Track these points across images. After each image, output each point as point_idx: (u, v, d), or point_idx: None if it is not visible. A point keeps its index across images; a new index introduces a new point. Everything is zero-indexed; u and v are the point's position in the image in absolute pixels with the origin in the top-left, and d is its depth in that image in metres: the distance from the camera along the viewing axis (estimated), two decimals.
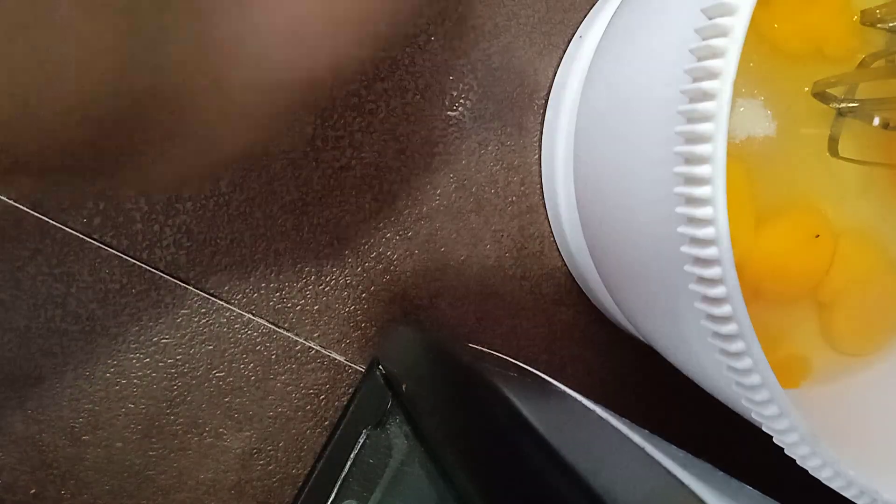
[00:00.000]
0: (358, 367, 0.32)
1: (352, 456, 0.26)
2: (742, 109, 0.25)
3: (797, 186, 0.26)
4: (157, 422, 0.30)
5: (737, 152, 0.25)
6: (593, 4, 0.32)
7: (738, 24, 0.18)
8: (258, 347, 0.30)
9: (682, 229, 0.19)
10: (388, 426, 0.25)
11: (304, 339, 0.31)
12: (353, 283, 0.31)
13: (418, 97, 0.31)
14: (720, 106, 0.18)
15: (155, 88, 0.13)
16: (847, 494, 0.21)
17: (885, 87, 0.25)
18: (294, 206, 0.30)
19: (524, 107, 0.32)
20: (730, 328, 0.19)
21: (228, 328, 0.30)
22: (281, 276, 0.30)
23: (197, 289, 0.30)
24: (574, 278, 0.33)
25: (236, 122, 0.15)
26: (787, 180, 0.26)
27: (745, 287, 0.26)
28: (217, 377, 0.30)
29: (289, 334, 0.31)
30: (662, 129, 0.20)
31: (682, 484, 0.19)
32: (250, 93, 0.14)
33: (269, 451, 0.31)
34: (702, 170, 0.18)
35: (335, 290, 0.31)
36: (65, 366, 0.29)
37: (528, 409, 0.17)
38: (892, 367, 0.28)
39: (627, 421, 0.25)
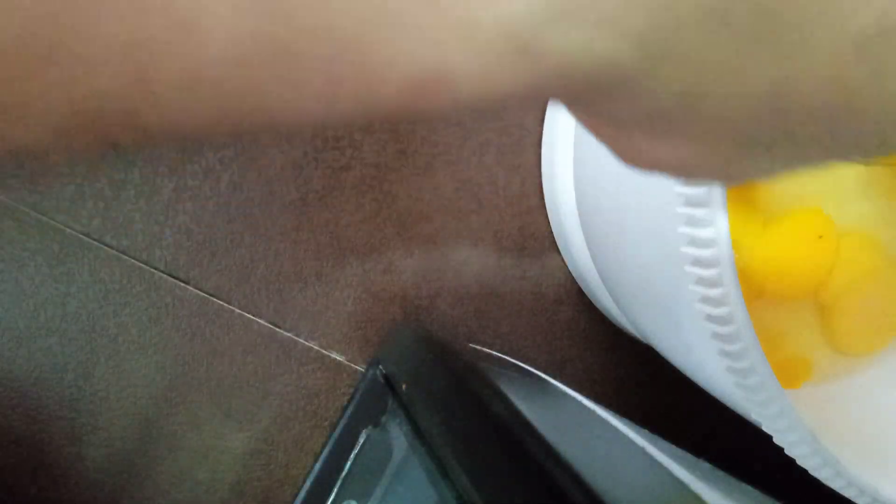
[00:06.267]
0: (358, 367, 0.32)
1: (352, 456, 0.26)
2: None
3: (802, 187, 0.26)
4: (157, 422, 0.30)
5: None
6: None
7: None
8: (258, 348, 0.30)
9: (682, 229, 0.19)
10: (388, 426, 0.25)
11: (304, 340, 0.31)
12: (353, 283, 0.31)
13: None
14: None
15: None
16: (847, 494, 0.21)
17: None
18: (294, 206, 0.30)
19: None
20: (729, 328, 0.19)
21: (228, 329, 0.30)
22: (281, 277, 0.30)
23: (197, 289, 0.30)
24: (574, 278, 0.33)
25: None
26: (792, 181, 0.26)
27: (751, 287, 0.26)
28: (217, 377, 0.30)
29: (289, 334, 0.31)
30: None
31: (682, 483, 0.19)
32: None
33: (269, 451, 0.31)
34: None
35: (335, 290, 0.31)
36: (64, 366, 0.29)
37: (528, 409, 0.17)
38: (892, 366, 0.28)
39: (627, 421, 0.25)
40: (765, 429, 0.21)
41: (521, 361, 0.32)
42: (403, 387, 0.24)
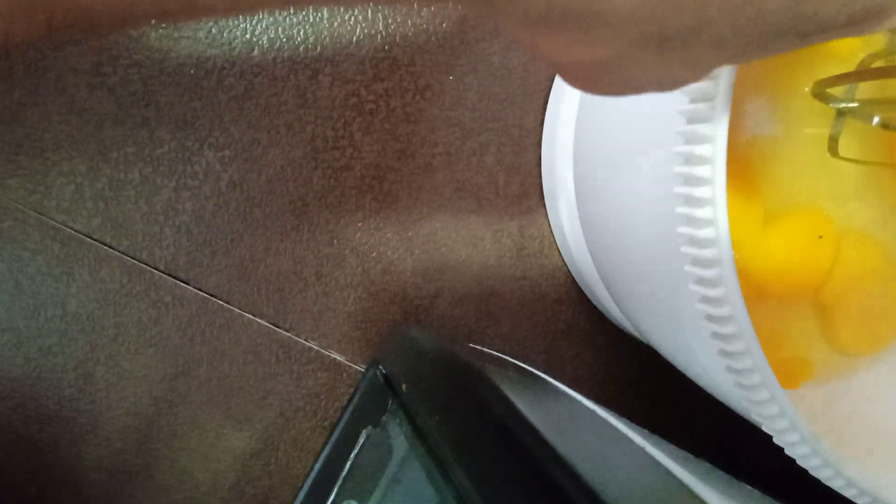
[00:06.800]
0: (358, 367, 0.32)
1: (352, 456, 0.26)
2: (746, 109, 0.25)
3: (802, 187, 0.26)
4: (157, 422, 0.30)
5: (742, 153, 0.25)
6: None
7: None
8: (258, 348, 0.30)
9: (682, 229, 0.19)
10: (388, 426, 0.25)
11: (305, 340, 0.31)
12: (353, 283, 0.31)
13: (418, 97, 0.31)
14: (719, 106, 0.18)
15: None
16: (847, 494, 0.21)
17: (884, 88, 0.25)
18: (294, 206, 0.30)
19: (524, 107, 0.32)
20: (729, 328, 0.19)
21: (228, 328, 0.30)
22: (281, 277, 0.30)
23: (197, 289, 0.30)
24: (574, 278, 0.33)
25: None
26: (792, 181, 0.26)
27: (750, 287, 0.26)
28: (217, 377, 0.30)
29: (289, 334, 0.31)
30: (663, 129, 0.20)
31: (682, 483, 0.19)
32: None
33: (269, 451, 0.31)
34: (701, 170, 0.18)
35: (335, 290, 0.31)
36: (65, 366, 0.29)
37: (527, 409, 0.17)
38: (892, 367, 0.28)
39: (627, 421, 0.25)
40: (765, 429, 0.21)
41: (521, 361, 0.32)
42: (403, 387, 0.24)
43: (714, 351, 0.20)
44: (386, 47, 0.30)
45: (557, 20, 0.10)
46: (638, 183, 0.22)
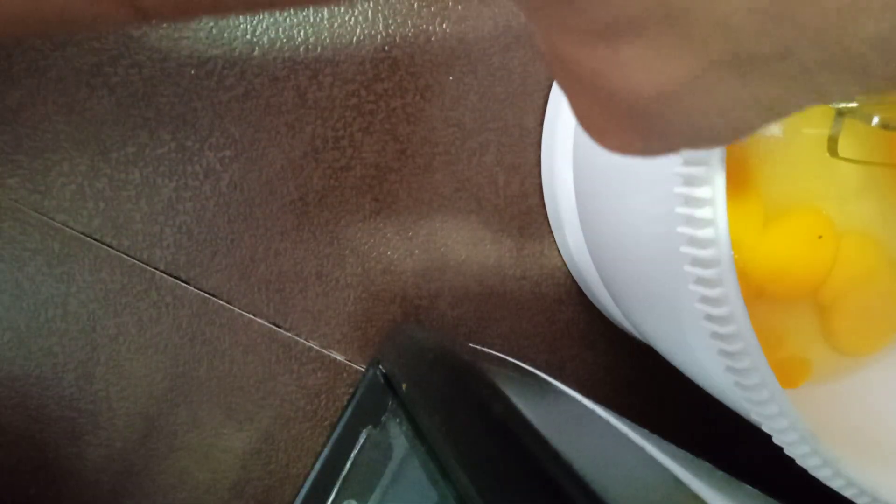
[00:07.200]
0: (358, 367, 0.32)
1: (352, 456, 0.26)
2: None
3: (801, 187, 0.26)
4: (157, 422, 0.30)
5: (742, 153, 0.25)
6: None
7: None
8: (258, 347, 0.30)
9: (681, 229, 0.19)
10: (388, 426, 0.25)
11: (305, 339, 0.31)
12: (353, 283, 0.31)
13: (418, 97, 0.31)
14: None
15: None
16: (846, 494, 0.21)
17: None
18: (294, 206, 0.30)
19: (524, 107, 0.32)
20: (729, 328, 0.19)
21: (229, 328, 0.30)
22: (281, 277, 0.30)
23: (197, 289, 0.30)
24: (574, 278, 0.33)
25: None
26: (791, 181, 0.26)
27: (750, 287, 0.26)
28: (217, 377, 0.30)
29: (289, 334, 0.31)
30: None
31: (682, 483, 0.19)
32: None
33: (269, 451, 0.31)
34: (701, 171, 0.18)
35: (335, 290, 0.31)
36: (65, 366, 0.29)
37: (527, 409, 0.17)
38: (892, 367, 0.28)
39: (627, 421, 0.25)
40: (764, 429, 0.21)
41: (521, 361, 0.32)
42: (403, 387, 0.24)
43: (714, 351, 0.20)
44: (386, 47, 0.30)
45: (626, 25, 0.09)
46: (637, 183, 0.22)
